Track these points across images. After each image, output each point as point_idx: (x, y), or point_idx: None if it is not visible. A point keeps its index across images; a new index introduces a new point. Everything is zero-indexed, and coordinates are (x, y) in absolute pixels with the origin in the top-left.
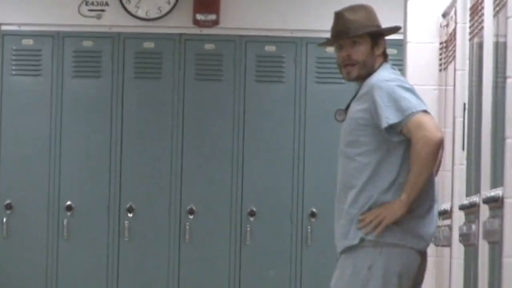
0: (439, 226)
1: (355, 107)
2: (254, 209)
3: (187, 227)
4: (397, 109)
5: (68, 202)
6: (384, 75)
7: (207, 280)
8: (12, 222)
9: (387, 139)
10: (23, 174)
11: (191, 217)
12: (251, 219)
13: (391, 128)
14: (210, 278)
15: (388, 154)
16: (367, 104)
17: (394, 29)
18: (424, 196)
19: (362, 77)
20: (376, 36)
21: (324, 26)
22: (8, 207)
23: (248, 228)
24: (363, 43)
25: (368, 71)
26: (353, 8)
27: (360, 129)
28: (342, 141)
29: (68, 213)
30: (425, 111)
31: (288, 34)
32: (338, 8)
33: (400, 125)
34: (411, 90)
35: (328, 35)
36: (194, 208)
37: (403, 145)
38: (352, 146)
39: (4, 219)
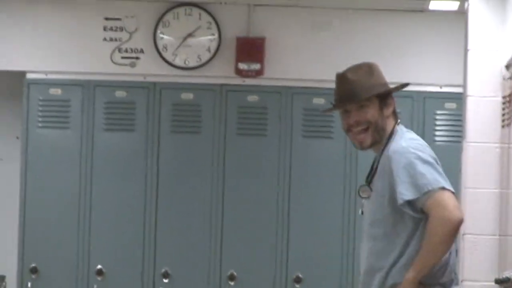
0: None
1: (378, 184)
2: (300, 275)
3: None
4: (413, 184)
5: (99, 266)
6: (401, 144)
7: None
8: (38, 287)
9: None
10: (50, 235)
11: (232, 283)
12: (297, 286)
13: (409, 204)
14: None
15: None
16: (387, 179)
17: (403, 86)
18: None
19: (377, 144)
20: (384, 95)
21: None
22: (34, 271)
23: None
24: (371, 105)
25: (381, 136)
26: (357, 68)
27: (385, 207)
28: (367, 221)
29: (99, 278)
30: (443, 188)
31: None
32: (395, 55)
33: (418, 202)
34: (429, 163)
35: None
36: (235, 273)
37: (412, 222)
38: (378, 226)
39: (29, 284)
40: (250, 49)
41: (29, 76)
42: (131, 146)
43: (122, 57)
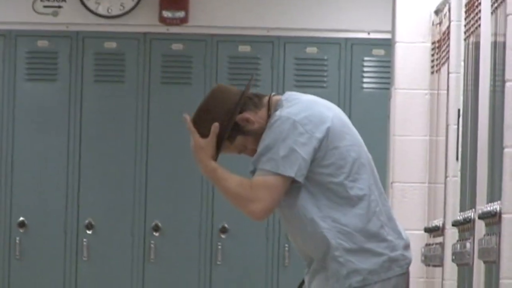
0: (429, 244)
1: None
2: (226, 225)
3: (152, 245)
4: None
5: (22, 218)
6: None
7: None
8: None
9: None
10: None
11: (157, 234)
12: (223, 236)
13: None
14: None
15: None
16: None
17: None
18: None
19: None
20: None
21: (305, 24)
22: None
23: (220, 247)
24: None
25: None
26: (202, 109)
27: None
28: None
29: (22, 230)
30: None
31: (264, 33)
32: (321, 2)
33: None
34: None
35: (308, 33)
36: (159, 224)
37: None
38: None
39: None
40: None
41: None
42: (53, 96)
43: (44, 6)
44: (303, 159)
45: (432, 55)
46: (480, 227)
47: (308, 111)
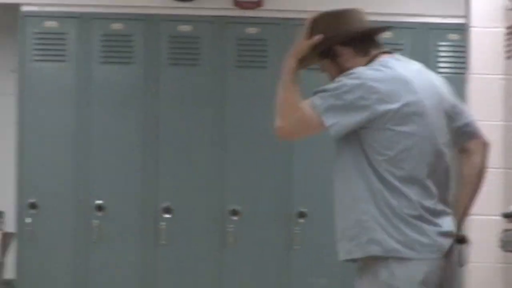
0: (507, 230)
1: None
2: (238, 208)
3: (230, 230)
4: None
5: (99, 201)
6: None
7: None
8: (37, 223)
9: None
10: (48, 170)
11: (235, 218)
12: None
13: None
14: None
15: None
16: None
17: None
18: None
19: None
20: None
21: (380, 8)
22: (33, 206)
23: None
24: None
25: None
26: (323, 16)
27: None
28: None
29: (99, 213)
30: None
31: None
32: None
33: None
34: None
35: (384, 18)
36: (238, 209)
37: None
38: None
39: (29, 220)
40: None
41: (24, 8)
42: (128, 79)
43: None
44: (347, 120)
45: (507, 40)
46: None
47: (384, 83)
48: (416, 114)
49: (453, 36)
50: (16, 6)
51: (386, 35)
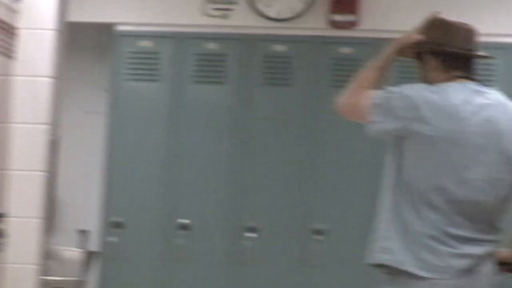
0: None
1: None
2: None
3: (316, 248)
4: None
5: (185, 221)
6: None
7: None
8: (123, 242)
9: None
10: (136, 190)
11: (321, 238)
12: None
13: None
14: None
15: None
16: None
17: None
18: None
19: None
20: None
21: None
22: (119, 225)
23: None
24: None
25: None
26: (438, 23)
27: None
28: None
29: (185, 233)
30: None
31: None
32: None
33: None
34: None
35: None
36: (324, 228)
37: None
38: None
39: (113, 239)
40: (345, 0)
41: (119, 28)
42: (222, 99)
43: (214, 9)
44: (384, 123)
45: None
46: None
47: (429, 105)
48: (449, 142)
49: None
50: (111, 25)
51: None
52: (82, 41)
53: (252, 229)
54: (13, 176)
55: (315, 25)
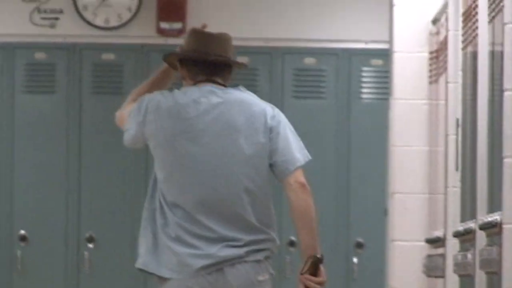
0: (430, 256)
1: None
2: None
3: None
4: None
5: (22, 232)
6: None
7: None
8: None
9: None
10: None
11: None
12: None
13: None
14: None
15: None
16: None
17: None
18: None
19: None
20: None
21: (303, 34)
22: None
23: None
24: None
25: None
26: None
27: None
28: None
29: (22, 244)
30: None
31: (262, 44)
32: (318, 13)
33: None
34: None
35: (306, 43)
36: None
37: None
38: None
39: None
40: (172, 8)
41: None
42: (52, 108)
43: (42, 18)
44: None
45: (430, 65)
46: (481, 237)
47: (158, 106)
48: (177, 140)
49: (376, 62)
50: None
51: (309, 62)
52: None
53: (90, 239)
54: None
55: (143, 33)
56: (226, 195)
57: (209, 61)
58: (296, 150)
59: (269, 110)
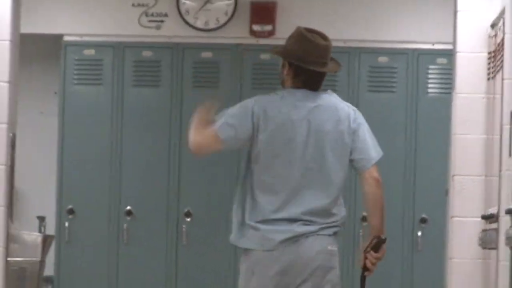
0: (485, 230)
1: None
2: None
3: None
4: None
5: (128, 207)
6: None
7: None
8: (74, 227)
9: None
10: (85, 180)
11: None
12: None
13: None
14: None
15: None
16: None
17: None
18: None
19: None
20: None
21: (377, 36)
22: (70, 212)
23: None
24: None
25: None
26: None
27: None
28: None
29: (128, 218)
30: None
31: (341, 44)
32: (391, 17)
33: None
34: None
35: (380, 44)
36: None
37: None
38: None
39: (67, 224)
40: (263, 12)
41: (66, 38)
42: (157, 100)
43: (149, 21)
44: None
45: (488, 63)
46: None
47: (266, 111)
48: (280, 140)
49: (442, 61)
50: (60, 36)
51: (382, 60)
52: (35, 50)
53: (187, 215)
54: None
55: (238, 34)
56: (314, 189)
57: (319, 72)
58: (372, 149)
59: (352, 113)
